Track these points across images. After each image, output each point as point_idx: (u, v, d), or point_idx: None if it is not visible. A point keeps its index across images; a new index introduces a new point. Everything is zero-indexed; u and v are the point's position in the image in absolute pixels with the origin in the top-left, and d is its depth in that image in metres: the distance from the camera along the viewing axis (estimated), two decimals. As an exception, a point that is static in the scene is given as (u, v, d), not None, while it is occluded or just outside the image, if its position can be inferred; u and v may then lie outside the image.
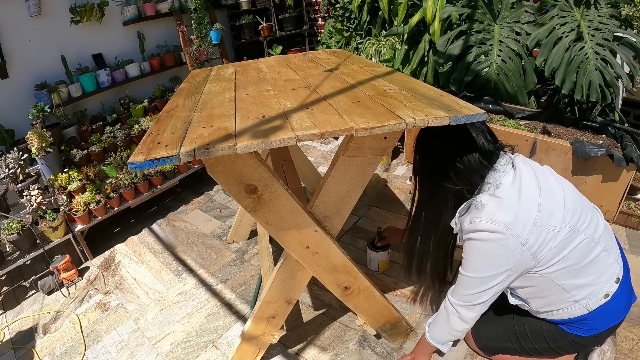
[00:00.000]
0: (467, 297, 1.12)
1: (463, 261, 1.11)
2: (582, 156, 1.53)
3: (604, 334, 1.13)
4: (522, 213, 0.99)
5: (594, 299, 1.06)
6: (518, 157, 1.10)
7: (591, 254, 1.04)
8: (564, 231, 1.00)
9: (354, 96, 1.06)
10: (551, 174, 1.10)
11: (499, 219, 0.98)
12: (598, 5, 1.83)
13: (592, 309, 1.07)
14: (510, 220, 0.98)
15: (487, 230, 0.99)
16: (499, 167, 1.05)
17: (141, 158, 0.76)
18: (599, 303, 1.06)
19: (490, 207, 1.00)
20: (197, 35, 3.10)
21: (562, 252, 1.01)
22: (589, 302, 1.06)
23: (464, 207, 1.09)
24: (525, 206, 1.00)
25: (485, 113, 0.86)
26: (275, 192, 1.01)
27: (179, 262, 2.09)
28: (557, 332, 1.15)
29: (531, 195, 1.02)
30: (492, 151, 1.05)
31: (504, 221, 0.98)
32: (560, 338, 1.15)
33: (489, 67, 1.92)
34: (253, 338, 1.33)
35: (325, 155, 3.10)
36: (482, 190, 1.05)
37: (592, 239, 1.03)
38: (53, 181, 2.19)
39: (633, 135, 1.62)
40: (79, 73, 2.61)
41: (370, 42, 2.72)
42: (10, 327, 1.81)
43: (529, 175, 1.05)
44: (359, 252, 1.98)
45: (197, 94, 1.28)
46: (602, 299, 1.06)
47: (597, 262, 1.05)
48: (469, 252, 1.07)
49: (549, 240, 0.99)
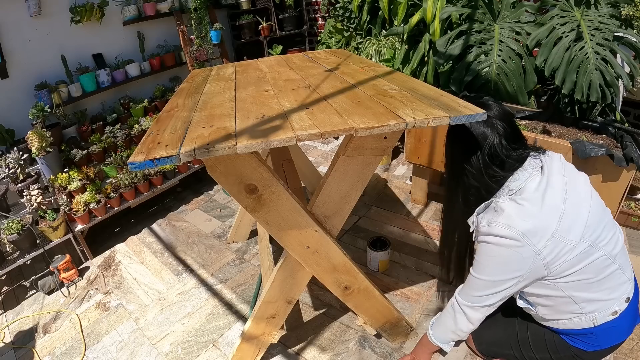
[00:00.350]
0: (475, 299, 1.11)
1: (475, 262, 1.10)
2: (582, 156, 1.53)
3: (606, 351, 1.12)
4: (541, 223, 0.96)
5: (602, 314, 1.05)
6: (553, 162, 1.06)
7: (606, 270, 1.02)
8: (581, 246, 0.98)
9: (354, 96, 1.06)
10: (583, 185, 1.06)
11: (517, 226, 0.96)
12: (598, 5, 1.83)
13: (598, 323, 1.06)
14: (528, 228, 0.96)
15: (503, 236, 0.98)
16: (524, 171, 1.02)
17: (141, 158, 0.76)
18: (606, 319, 1.05)
19: (510, 212, 0.98)
20: (197, 35, 3.09)
21: (577, 266, 0.99)
22: (596, 316, 1.05)
23: (483, 207, 1.07)
24: (546, 216, 0.97)
25: (485, 113, 0.86)
26: (275, 192, 1.01)
27: (179, 262, 2.09)
28: (560, 343, 1.14)
29: (554, 206, 0.98)
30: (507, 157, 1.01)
31: (521, 229, 0.96)
32: (562, 350, 1.14)
33: (489, 67, 1.92)
34: (253, 338, 1.33)
35: (325, 155, 3.10)
36: (503, 193, 1.03)
37: (609, 256, 1.02)
38: (53, 181, 2.19)
39: (633, 135, 1.62)
40: (79, 73, 2.61)
41: (370, 42, 2.71)
42: (10, 327, 1.81)
43: (557, 184, 1.01)
44: (359, 252, 1.98)
45: (197, 94, 1.28)
46: (609, 315, 1.05)
47: (611, 279, 1.04)
48: (482, 254, 1.06)
49: (565, 253, 0.97)
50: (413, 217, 2.21)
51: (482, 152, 1.01)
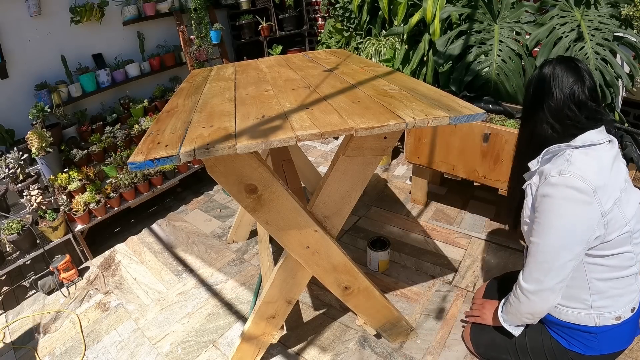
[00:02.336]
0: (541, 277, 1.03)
1: (536, 226, 1.02)
2: (582, 156, 1.53)
3: (603, 358, 1.10)
4: (611, 183, 0.94)
5: (606, 316, 1.04)
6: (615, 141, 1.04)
7: (627, 270, 1.02)
8: (626, 229, 0.96)
9: (354, 96, 1.06)
10: None
11: (591, 179, 0.92)
12: (598, 5, 1.83)
13: (600, 324, 1.05)
14: (600, 185, 0.92)
15: (577, 188, 0.92)
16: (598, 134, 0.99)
17: (141, 158, 0.76)
18: (608, 322, 1.05)
19: (585, 163, 0.94)
20: (197, 35, 3.09)
21: (612, 250, 0.98)
22: (601, 316, 1.05)
23: (550, 152, 1.02)
24: (615, 180, 0.95)
25: (485, 113, 0.86)
26: (275, 192, 1.01)
27: (179, 262, 2.09)
28: (558, 348, 1.14)
29: (621, 176, 0.97)
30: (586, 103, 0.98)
31: (595, 184, 0.92)
32: (560, 355, 1.14)
33: (489, 67, 1.92)
34: (253, 338, 1.33)
35: (325, 155, 3.10)
36: (571, 144, 0.99)
37: (635, 255, 1.01)
38: (53, 181, 2.19)
39: (633, 135, 1.62)
40: (79, 73, 2.61)
41: (370, 42, 2.71)
42: (10, 327, 1.81)
43: (623, 162, 1.01)
44: (359, 252, 1.98)
45: (197, 94, 1.28)
46: (613, 319, 1.05)
47: (627, 281, 1.03)
48: (547, 212, 0.98)
49: (617, 227, 0.95)
50: (413, 217, 2.21)
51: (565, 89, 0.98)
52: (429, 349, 1.44)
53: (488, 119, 1.80)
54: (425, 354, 1.42)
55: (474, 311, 1.38)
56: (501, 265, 1.78)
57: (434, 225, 2.12)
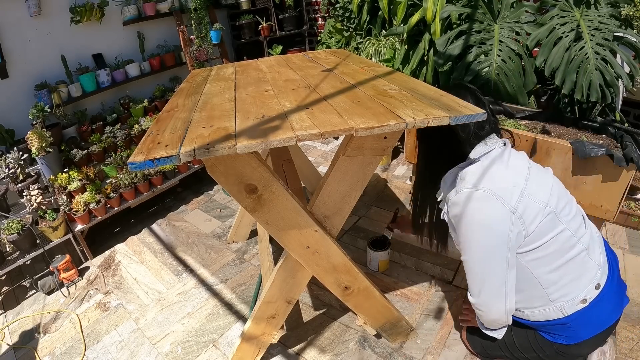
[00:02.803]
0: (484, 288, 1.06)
1: (460, 245, 1.06)
2: (582, 156, 1.53)
3: (589, 342, 1.09)
4: (508, 181, 0.97)
5: (570, 302, 1.03)
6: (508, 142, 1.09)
7: (571, 251, 1.01)
8: (547, 211, 0.98)
9: (354, 96, 1.06)
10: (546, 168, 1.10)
11: (486, 186, 0.97)
12: (598, 5, 1.83)
13: (568, 313, 1.04)
14: (497, 187, 0.96)
15: (476, 199, 0.96)
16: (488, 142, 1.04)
17: (141, 158, 0.76)
18: (575, 308, 1.04)
19: (476, 174, 0.99)
20: (197, 35, 3.09)
21: (543, 237, 0.99)
22: (564, 305, 1.04)
23: (450, 176, 1.07)
24: (512, 175, 0.98)
25: (485, 113, 0.86)
26: (275, 192, 1.01)
27: (179, 262, 2.09)
28: (542, 342, 1.14)
29: (519, 167, 1.00)
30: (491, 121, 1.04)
31: (491, 188, 0.96)
32: (546, 348, 1.14)
33: (489, 67, 1.92)
34: (253, 338, 1.33)
35: (325, 155, 3.10)
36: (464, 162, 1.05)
37: (574, 234, 1.01)
38: (53, 181, 2.19)
39: (633, 135, 1.62)
40: (79, 73, 2.61)
41: (370, 41, 2.71)
42: (10, 327, 1.81)
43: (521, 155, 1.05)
44: (359, 252, 1.98)
45: (197, 94, 1.28)
46: (578, 304, 1.03)
47: (576, 262, 1.02)
48: (463, 229, 1.02)
49: (536, 214, 0.97)
50: (413, 217, 2.21)
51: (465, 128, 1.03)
52: (429, 349, 1.44)
53: (488, 119, 1.79)
54: (425, 354, 1.42)
55: (464, 315, 1.42)
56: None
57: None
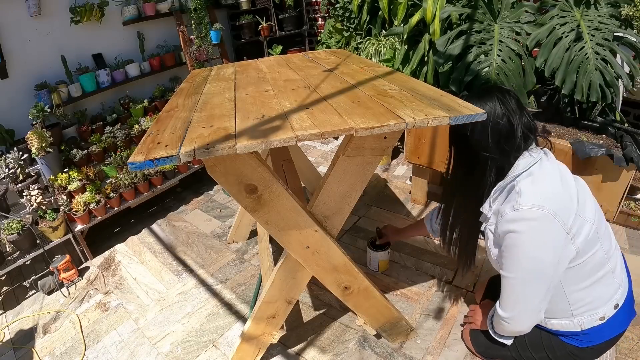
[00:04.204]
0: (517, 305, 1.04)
1: (505, 263, 1.02)
2: (582, 156, 1.53)
3: (601, 346, 1.11)
4: (565, 201, 0.95)
5: (589, 319, 1.06)
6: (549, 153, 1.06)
7: (601, 270, 1.02)
8: (593, 229, 0.97)
9: (354, 96, 1.06)
10: None
11: (548, 205, 0.92)
12: (598, 5, 1.83)
13: (585, 327, 1.07)
14: (557, 207, 0.93)
15: (535, 219, 0.93)
16: (532, 153, 1.00)
17: (141, 158, 0.76)
18: (593, 324, 1.06)
19: (535, 191, 0.95)
20: (197, 35, 3.09)
21: (584, 256, 0.98)
22: (584, 320, 1.06)
23: (498, 189, 1.03)
24: (569, 194, 0.96)
25: (485, 113, 0.86)
26: (275, 192, 1.01)
27: (179, 262, 2.09)
28: (556, 342, 1.15)
29: (571, 184, 0.98)
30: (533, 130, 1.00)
31: (553, 208, 0.92)
32: (558, 348, 1.14)
33: (489, 67, 1.92)
34: (253, 338, 1.33)
35: (325, 155, 3.10)
36: (515, 173, 1.00)
37: (605, 253, 1.01)
38: (53, 181, 2.19)
39: (633, 135, 1.62)
40: (79, 73, 2.61)
41: (370, 42, 2.71)
42: (10, 327, 1.81)
43: (564, 166, 1.03)
44: (359, 252, 1.97)
45: (197, 94, 1.28)
46: (597, 320, 1.06)
47: (602, 282, 1.04)
48: (514, 246, 0.98)
49: (584, 232, 0.96)
50: (413, 217, 2.21)
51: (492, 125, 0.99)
52: (429, 349, 1.44)
53: (488, 119, 1.79)
54: (425, 354, 1.42)
55: (468, 317, 1.41)
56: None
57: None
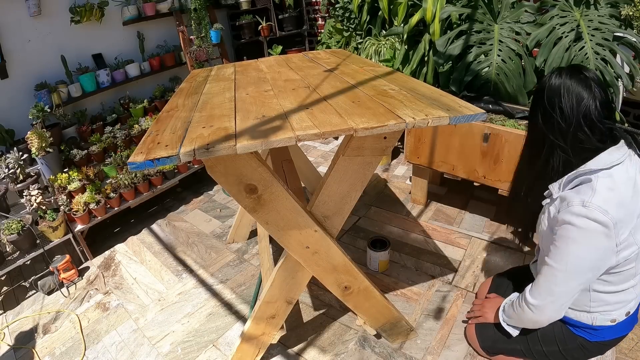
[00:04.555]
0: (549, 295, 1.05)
1: (554, 250, 1.01)
2: (582, 156, 1.53)
3: (609, 343, 1.14)
4: (629, 214, 0.93)
5: (602, 317, 1.09)
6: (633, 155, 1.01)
7: (627, 283, 1.04)
8: (637, 251, 0.97)
9: (354, 96, 1.06)
10: None
11: (613, 213, 0.90)
12: (598, 5, 1.83)
13: (597, 324, 1.10)
14: (620, 218, 0.91)
15: (599, 222, 0.91)
16: (618, 150, 0.97)
17: (141, 158, 0.76)
18: (604, 323, 1.09)
19: (608, 196, 0.92)
20: (197, 35, 3.09)
21: (620, 268, 0.99)
22: (597, 317, 1.09)
23: (574, 176, 0.99)
24: (634, 207, 0.94)
25: (485, 113, 0.86)
26: (275, 192, 1.01)
27: (179, 262, 2.09)
28: (567, 334, 1.16)
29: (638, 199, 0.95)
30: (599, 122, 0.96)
31: (616, 217, 0.91)
32: (569, 340, 1.16)
33: (489, 67, 1.92)
34: (253, 338, 1.33)
35: (325, 155, 3.10)
36: (597, 166, 0.96)
37: (636, 271, 1.02)
38: (53, 181, 2.19)
39: (633, 135, 1.62)
40: (78, 73, 2.61)
41: (370, 42, 2.71)
42: (10, 327, 1.81)
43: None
44: (359, 252, 1.98)
45: (197, 94, 1.28)
46: (608, 321, 1.09)
47: (625, 292, 1.06)
48: (567, 239, 0.97)
49: (630, 253, 0.96)
50: (413, 217, 2.21)
51: (576, 110, 0.95)
52: (429, 349, 1.44)
53: (488, 119, 1.80)
54: (425, 354, 1.42)
55: (475, 312, 1.40)
56: (501, 265, 1.78)
57: (434, 225, 2.12)
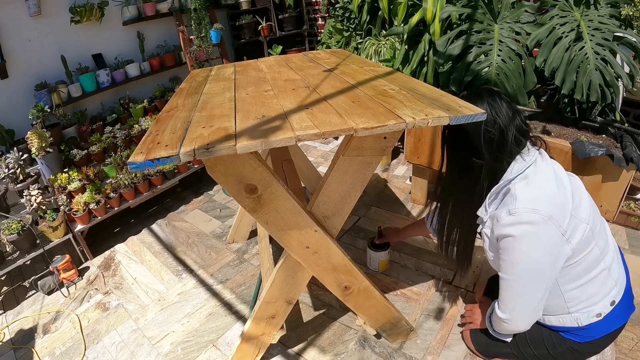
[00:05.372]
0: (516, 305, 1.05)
1: (503, 265, 1.03)
2: (582, 156, 1.53)
3: (600, 341, 1.12)
4: (561, 202, 0.95)
5: (586, 315, 1.07)
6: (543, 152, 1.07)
7: (595, 269, 1.03)
8: (587, 229, 0.97)
9: (354, 96, 1.06)
10: None
11: (543, 208, 0.93)
12: (598, 5, 1.83)
13: (583, 324, 1.08)
14: (553, 211, 0.93)
15: (532, 222, 0.93)
16: (525, 157, 1.00)
17: (141, 158, 0.76)
18: (590, 320, 1.07)
19: (530, 195, 0.95)
20: (197, 35, 3.09)
21: (579, 255, 0.99)
22: (580, 317, 1.07)
23: (494, 193, 1.03)
24: (563, 195, 0.96)
25: (485, 113, 0.86)
26: (275, 192, 1.01)
27: (179, 262, 2.09)
28: (556, 338, 1.15)
29: (566, 184, 0.98)
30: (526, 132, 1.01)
31: (548, 212, 0.92)
32: (559, 344, 1.15)
33: (489, 67, 1.92)
34: (253, 338, 1.33)
35: (325, 155, 3.10)
36: (509, 177, 1.00)
37: (601, 251, 1.02)
38: (53, 181, 2.19)
39: (633, 135, 1.62)
40: (78, 73, 2.61)
41: (370, 42, 2.71)
42: (10, 327, 1.81)
43: (558, 165, 1.03)
44: (359, 252, 1.97)
45: (197, 94, 1.28)
46: (594, 317, 1.07)
47: (599, 280, 1.04)
48: (511, 249, 0.99)
49: (581, 234, 0.97)
50: (413, 217, 2.21)
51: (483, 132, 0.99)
52: (429, 349, 1.44)
53: (488, 119, 1.79)
54: (425, 354, 1.42)
55: (466, 318, 1.42)
56: (501, 265, 1.78)
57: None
